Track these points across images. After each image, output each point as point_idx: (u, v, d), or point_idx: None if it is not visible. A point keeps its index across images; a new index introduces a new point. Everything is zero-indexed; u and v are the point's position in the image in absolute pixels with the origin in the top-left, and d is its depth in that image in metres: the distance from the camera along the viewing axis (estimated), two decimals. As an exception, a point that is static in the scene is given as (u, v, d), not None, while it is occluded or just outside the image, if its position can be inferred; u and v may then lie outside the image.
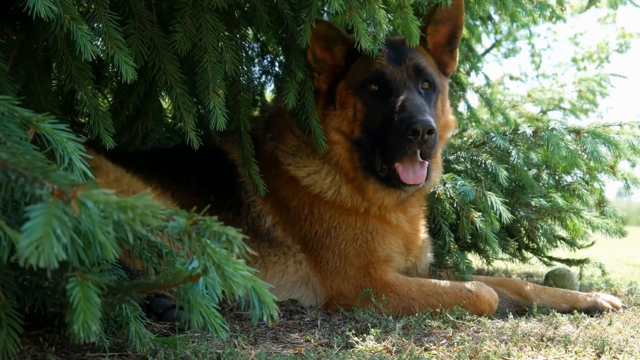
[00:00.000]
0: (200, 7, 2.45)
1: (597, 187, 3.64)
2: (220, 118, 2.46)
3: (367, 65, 2.81)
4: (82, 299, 1.25)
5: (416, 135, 2.55)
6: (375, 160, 2.77)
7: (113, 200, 1.19)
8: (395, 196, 2.86)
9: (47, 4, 1.82)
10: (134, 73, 2.18)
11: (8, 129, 1.45)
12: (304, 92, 2.81)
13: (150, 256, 1.76)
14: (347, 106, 2.84)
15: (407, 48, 2.83)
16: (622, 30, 16.32)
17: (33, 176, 1.22)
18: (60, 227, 1.13)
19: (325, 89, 2.91)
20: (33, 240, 1.09)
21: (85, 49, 2.01)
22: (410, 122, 2.55)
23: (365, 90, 2.80)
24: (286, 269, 2.87)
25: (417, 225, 3.05)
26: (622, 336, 2.27)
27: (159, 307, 2.28)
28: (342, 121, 2.85)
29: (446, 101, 3.06)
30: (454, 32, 2.99)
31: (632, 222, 17.81)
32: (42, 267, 1.09)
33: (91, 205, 1.17)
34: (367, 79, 2.79)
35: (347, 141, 2.85)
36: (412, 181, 2.68)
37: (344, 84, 2.86)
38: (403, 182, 2.69)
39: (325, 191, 2.87)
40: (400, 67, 2.79)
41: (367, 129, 2.79)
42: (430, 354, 2.01)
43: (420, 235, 3.05)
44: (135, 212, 1.20)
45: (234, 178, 2.95)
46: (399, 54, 2.82)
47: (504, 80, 16.60)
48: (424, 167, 2.71)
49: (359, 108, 2.81)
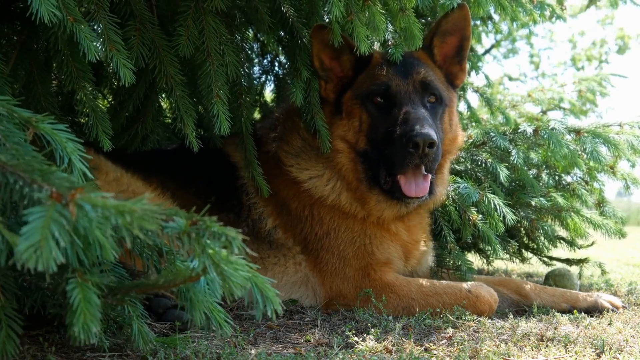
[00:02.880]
0: (202, 10, 2.44)
1: (597, 187, 3.64)
2: (224, 122, 2.45)
3: (373, 77, 2.82)
4: (82, 300, 1.25)
5: (417, 148, 2.54)
6: (379, 172, 2.77)
7: (111, 204, 1.18)
8: (396, 210, 2.85)
9: (51, 9, 1.82)
10: (132, 76, 2.18)
11: (7, 130, 1.45)
12: (309, 92, 2.81)
13: (150, 255, 1.76)
14: (353, 116, 2.84)
15: (415, 61, 2.85)
16: (620, 31, 16.33)
17: (31, 179, 1.21)
18: (58, 230, 1.13)
19: (332, 98, 2.90)
20: (31, 244, 1.09)
21: (89, 51, 2.01)
22: (410, 135, 2.55)
23: (370, 102, 2.80)
24: (286, 270, 2.87)
25: (416, 235, 3.02)
26: (622, 336, 2.27)
27: (159, 307, 2.28)
28: (347, 130, 2.84)
29: (454, 115, 3.02)
30: (461, 43, 2.98)
31: (632, 222, 17.79)
32: (40, 270, 1.09)
33: (89, 209, 1.17)
34: (373, 91, 2.79)
35: (352, 151, 2.84)
36: (414, 194, 2.67)
37: (350, 94, 2.87)
38: (405, 195, 2.68)
39: (326, 197, 2.87)
40: (406, 81, 2.79)
41: (371, 140, 2.78)
42: (430, 354, 2.01)
43: (419, 247, 3.03)
44: (134, 216, 1.19)
45: (235, 180, 2.95)
46: (406, 68, 2.82)
47: (503, 81, 16.62)
48: (426, 181, 2.70)
49: (364, 119, 2.81)
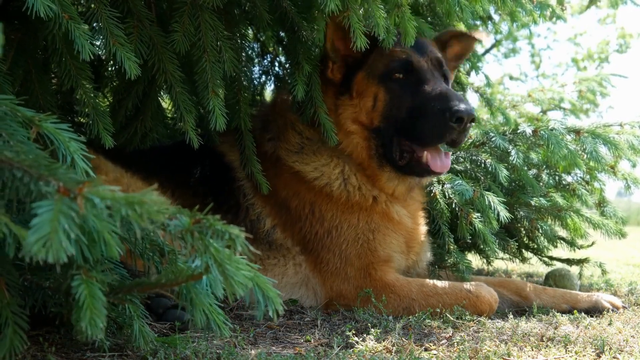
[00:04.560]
0: (198, 7, 2.44)
1: (597, 187, 3.64)
2: (220, 118, 2.45)
3: (390, 55, 2.83)
4: (88, 296, 1.26)
5: (460, 122, 2.60)
6: (392, 148, 2.79)
7: (120, 196, 1.19)
8: (407, 184, 2.92)
9: (47, 3, 1.82)
10: (138, 69, 2.18)
11: (11, 128, 1.45)
12: (311, 85, 2.80)
13: (152, 255, 1.76)
14: (366, 95, 2.84)
15: (426, 42, 2.96)
16: (622, 30, 16.33)
17: (39, 174, 1.21)
18: (67, 222, 1.13)
19: (339, 79, 2.90)
20: (41, 236, 1.09)
21: (83, 49, 2.01)
22: (455, 109, 2.59)
23: (389, 79, 2.81)
24: (285, 271, 2.86)
25: (418, 219, 3.07)
26: (622, 336, 2.27)
27: (159, 307, 2.27)
28: (359, 111, 2.85)
29: None
30: (462, 54, 3.21)
31: (632, 222, 17.81)
32: (50, 262, 1.09)
33: (98, 202, 1.17)
34: (393, 68, 2.81)
35: (365, 130, 2.85)
36: (440, 169, 2.74)
37: (363, 73, 2.86)
38: (431, 170, 2.73)
39: (332, 182, 2.86)
40: (423, 57, 2.86)
41: (389, 117, 2.79)
42: (430, 354, 2.01)
43: (421, 230, 3.06)
44: (143, 207, 1.20)
45: (231, 181, 2.94)
46: (420, 46, 2.89)
47: (504, 80, 16.61)
48: (448, 157, 2.78)
49: (380, 97, 2.82)
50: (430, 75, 2.80)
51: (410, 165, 2.79)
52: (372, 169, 2.88)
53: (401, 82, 2.81)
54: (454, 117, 2.59)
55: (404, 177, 2.88)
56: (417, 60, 2.82)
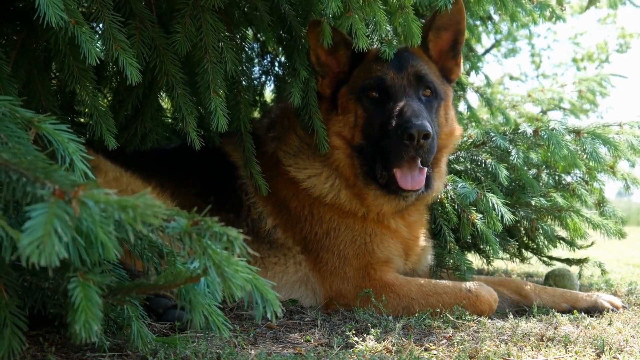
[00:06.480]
0: (200, 8, 2.44)
1: (597, 187, 3.64)
2: (221, 119, 2.45)
3: (368, 72, 2.82)
4: (83, 299, 1.26)
5: (411, 139, 2.54)
6: (375, 166, 2.77)
7: (114, 199, 1.19)
8: (395, 204, 2.84)
9: (59, 13, 1.82)
10: (139, 75, 2.17)
11: (9, 130, 1.45)
12: (307, 92, 2.80)
13: (151, 256, 1.76)
14: (348, 112, 2.84)
15: (409, 55, 2.85)
16: (622, 30, 16.33)
17: (34, 176, 1.22)
18: (61, 226, 1.13)
19: (328, 94, 2.90)
20: (34, 239, 1.09)
21: (90, 54, 2.00)
22: (405, 126, 2.55)
23: (365, 97, 2.80)
24: (286, 270, 2.87)
25: (416, 232, 3.03)
26: (622, 336, 2.27)
27: (159, 307, 2.28)
28: (343, 126, 2.84)
29: (450, 109, 3.02)
30: (456, 37, 2.97)
31: (632, 222, 17.78)
32: (43, 265, 1.09)
33: (92, 205, 1.17)
34: (368, 85, 2.79)
35: (348, 147, 2.84)
36: (410, 187, 2.66)
37: (346, 89, 2.87)
38: (401, 188, 2.67)
39: (325, 195, 2.87)
40: (401, 74, 2.79)
41: (367, 135, 2.78)
42: (430, 354, 2.01)
43: (419, 243, 3.04)
44: (136, 211, 1.20)
45: (234, 180, 2.95)
46: (401, 61, 2.81)
47: (504, 80, 16.63)
48: (422, 174, 2.69)
49: (359, 114, 2.81)
50: (401, 92, 2.73)
51: (388, 183, 2.74)
52: (359, 187, 2.84)
53: (375, 101, 2.78)
54: (405, 134, 2.54)
55: (389, 196, 2.81)
56: (390, 79, 2.77)
